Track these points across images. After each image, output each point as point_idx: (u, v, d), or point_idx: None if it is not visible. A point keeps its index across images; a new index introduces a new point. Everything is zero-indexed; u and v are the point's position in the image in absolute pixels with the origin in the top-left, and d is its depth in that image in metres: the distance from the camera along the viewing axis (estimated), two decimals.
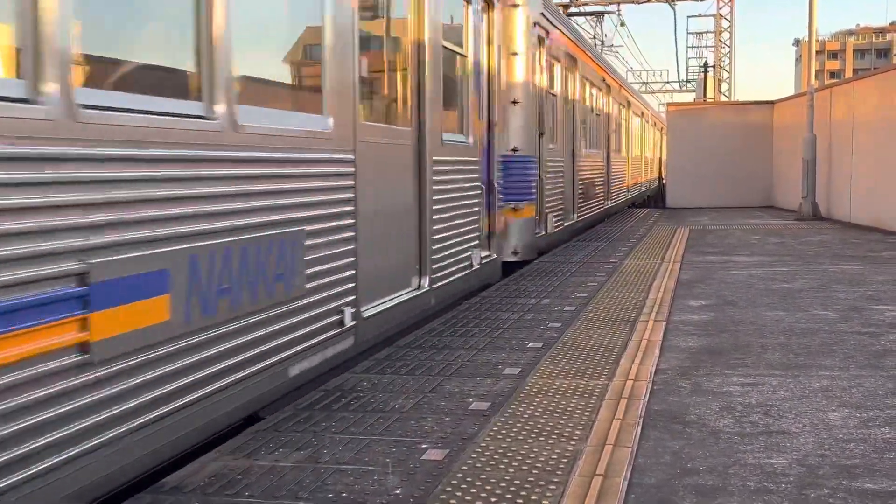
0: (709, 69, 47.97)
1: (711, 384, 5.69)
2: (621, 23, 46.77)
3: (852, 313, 8.26)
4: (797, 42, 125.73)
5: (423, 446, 4.44)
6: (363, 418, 4.92)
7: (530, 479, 3.97)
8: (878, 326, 7.62)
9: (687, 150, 27.75)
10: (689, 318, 8.09)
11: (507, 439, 4.54)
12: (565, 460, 4.22)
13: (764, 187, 27.40)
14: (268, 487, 3.89)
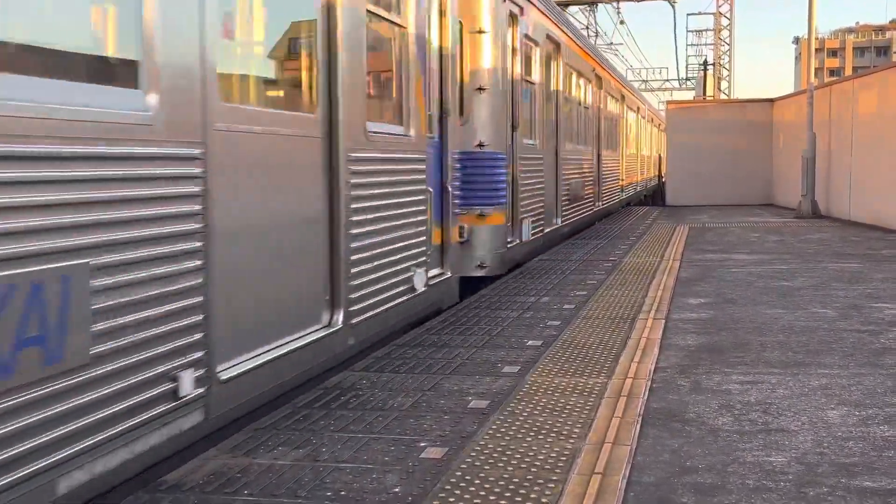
0: (708, 67, 47.97)
1: (711, 382, 5.69)
2: (621, 21, 46.80)
3: (852, 311, 8.26)
4: (797, 40, 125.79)
5: (422, 444, 4.44)
6: (362, 416, 4.92)
7: (529, 477, 3.97)
8: (877, 324, 7.61)
9: (686, 148, 27.79)
10: (688, 316, 8.09)
11: (507, 437, 4.53)
12: (564, 458, 4.22)
13: (763, 185, 27.41)
14: (266, 486, 3.89)
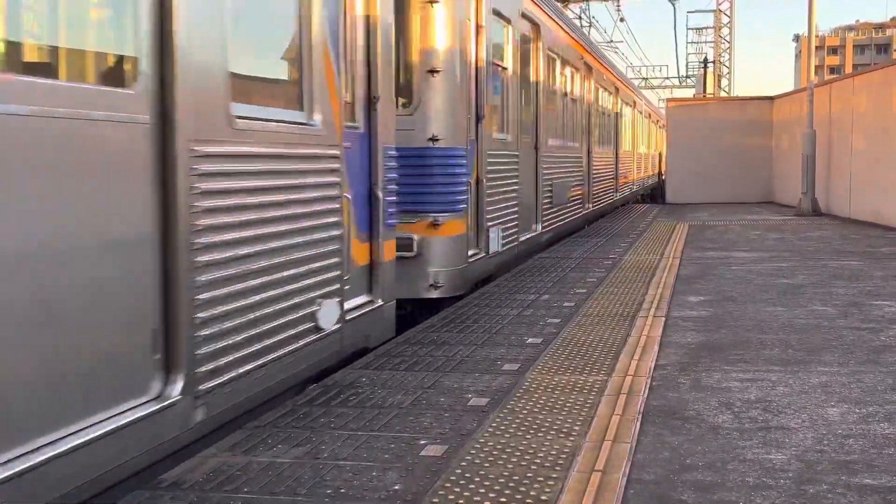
0: (708, 65, 47.96)
1: (710, 380, 5.68)
2: (621, 18, 46.80)
3: (852, 309, 8.25)
4: (797, 38, 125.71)
5: (422, 442, 4.43)
6: (362, 414, 4.92)
7: (529, 474, 3.97)
8: (877, 322, 7.61)
9: (686, 145, 27.79)
10: (688, 313, 8.09)
11: (506, 435, 4.53)
12: (564, 456, 4.21)
13: (763, 183, 27.42)
14: (266, 483, 3.89)
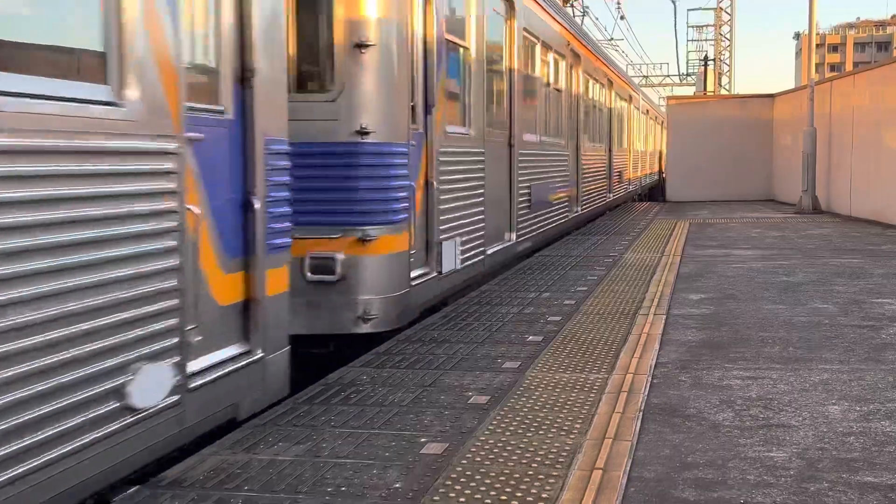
0: (709, 62, 47.96)
1: (711, 378, 5.68)
2: (621, 16, 46.81)
3: (852, 307, 8.25)
4: (797, 35, 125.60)
5: (423, 440, 4.43)
6: (362, 412, 4.92)
7: (530, 472, 3.97)
8: (878, 320, 7.61)
9: (687, 143, 27.77)
10: (688, 311, 8.09)
11: (507, 433, 4.53)
12: (565, 454, 4.21)
13: (764, 180, 27.40)
14: (267, 481, 3.89)
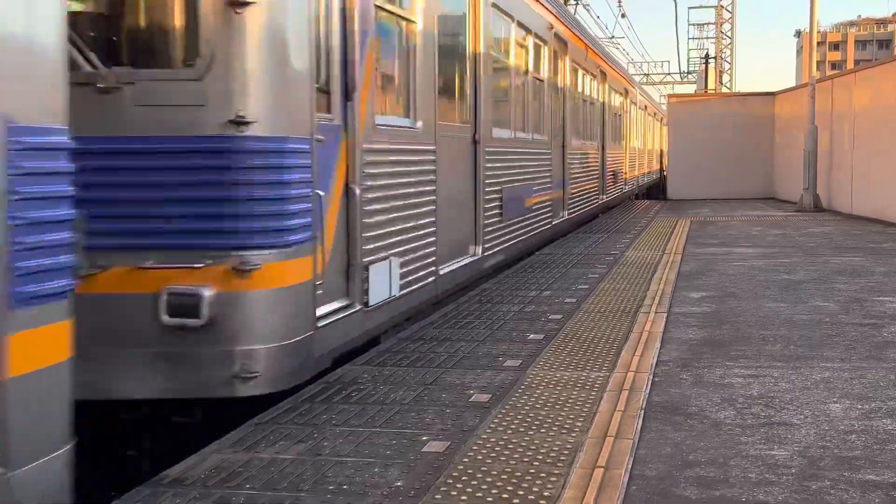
0: (710, 60, 47.91)
1: (713, 376, 5.68)
2: (622, 14, 46.75)
3: (854, 305, 8.25)
4: (798, 33, 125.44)
5: (424, 438, 4.43)
6: (364, 411, 4.92)
7: (531, 470, 3.97)
8: (879, 318, 7.61)
9: (688, 141, 27.74)
10: (690, 309, 8.08)
11: (508, 431, 4.53)
12: (566, 452, 4.21)
13: (765, 179, 27.38)
14: (268, 480, 3.89)
